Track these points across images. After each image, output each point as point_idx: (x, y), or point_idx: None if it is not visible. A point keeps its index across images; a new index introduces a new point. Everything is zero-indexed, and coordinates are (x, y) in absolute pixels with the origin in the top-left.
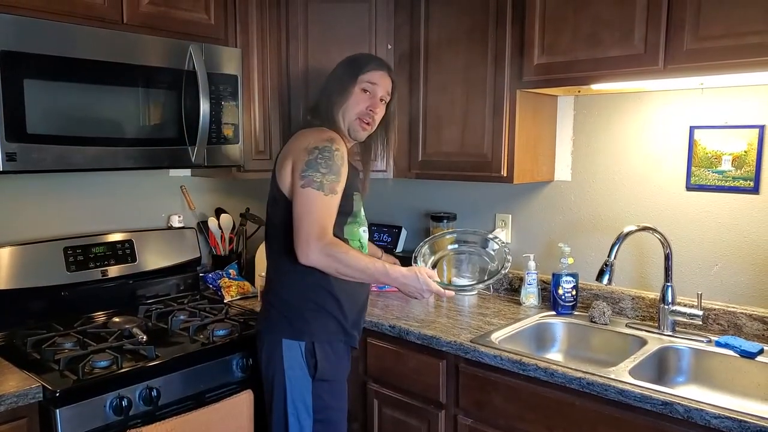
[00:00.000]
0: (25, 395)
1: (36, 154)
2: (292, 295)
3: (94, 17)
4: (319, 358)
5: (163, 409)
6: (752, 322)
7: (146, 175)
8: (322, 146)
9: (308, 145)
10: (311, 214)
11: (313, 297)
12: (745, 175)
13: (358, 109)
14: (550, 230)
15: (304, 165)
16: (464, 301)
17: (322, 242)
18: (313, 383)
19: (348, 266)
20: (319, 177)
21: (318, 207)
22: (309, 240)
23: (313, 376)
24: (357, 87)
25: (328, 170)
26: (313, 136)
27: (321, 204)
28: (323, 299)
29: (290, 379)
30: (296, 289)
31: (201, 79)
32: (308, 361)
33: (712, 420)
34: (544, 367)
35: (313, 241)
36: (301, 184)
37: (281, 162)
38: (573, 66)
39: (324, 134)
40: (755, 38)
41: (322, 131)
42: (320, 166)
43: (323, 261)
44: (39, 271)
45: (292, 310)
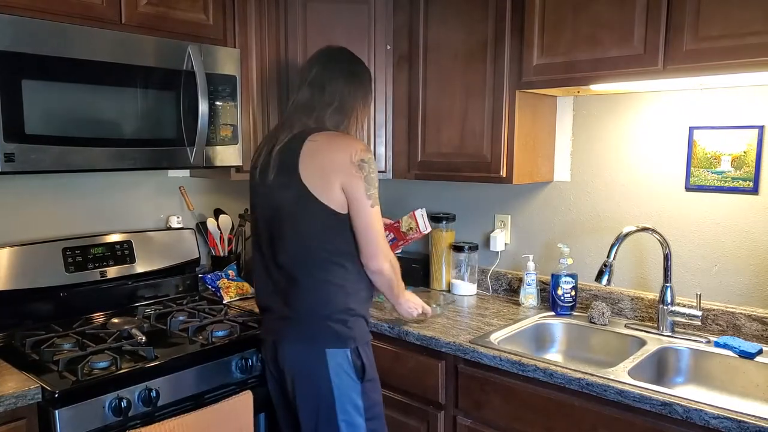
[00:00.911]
0: (24, 396)
1: (34, 155)
2: (333, 305)
3: (93, 17)
4: (365, 361)
5: (162, 410)
6: (751, 322)
7: (145, 176)
8: (368, 158)
9: (353, 158)
10: (380, 229)
11: (353, 304)
12: (745, 176)
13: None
14: (550, 231)
15: (365, 183)
16: (463, 302)
17: (390, 253)
18: (362, 385)
19: (396, 272)
20: (376, 192)
21: (380, 221)
22: (383, 252)
23: (362, 378)
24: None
25: (376, 181)
26: (352, 148)
27: (380, 218)
28: (360, 305)
29: (338, 386)
30: (337, 297)
31: (199, 79)
32: (355, 366)
33: (711, 420)
34: (544, 368)
35: (386, 252)
36: (371, 204)
37: (318, 178)
38: (572, 66)
39: (358, 143)
40: (754, 39)
41: (351, 138)
42: (375, 180)
43: (388, 269)
44: (38, 272)
45: (334, 320)
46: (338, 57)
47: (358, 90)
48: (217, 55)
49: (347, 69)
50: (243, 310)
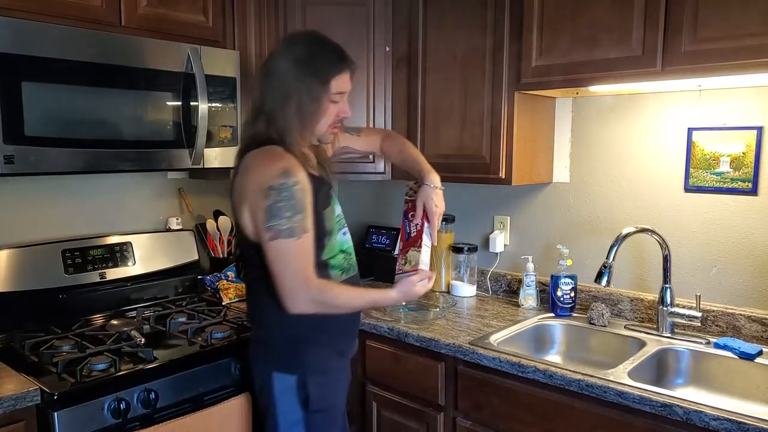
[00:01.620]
0: (23, 398)
1: (34, 157)
2: (280, 327)
3: (92, 20)
4: (312, 392)
5: (161, 412)
6: (751, 323)
7: (144, 178)
8: (279, 185)
9: (262, 184)
10: (289, 265)
11: (304, 330)
12: (743, 177)
13: (330, 121)
14: (549, 232)
15: (266, 215)
16: (463, 303)
17: (310, 292)
18: (306, 415)
19: (340, 307)
20: (286, 223)
21: (294, 256)
22: (294, 293)
23: (306, 408)
24: (329, 101)
25: (291, 212)
26: (265, 169)
27: (296, 251)
28: (314, 331)
29: (282, 413)
30: (284, 321)
31: (199, 81)
32: (300, 396)
33: (711, 422)
34: (543, 369)
35: (298, 293)
36: (269, 236)
37: (238, 201)
38: (571, 68)
39: (276, 165)
40: (752, 40)
41: (272, 159)
42: (282, 211)
43: (313, 309)
44: (37, 274)
45: (282, 343)
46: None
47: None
48: (217, 57)
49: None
50: (242, 312)
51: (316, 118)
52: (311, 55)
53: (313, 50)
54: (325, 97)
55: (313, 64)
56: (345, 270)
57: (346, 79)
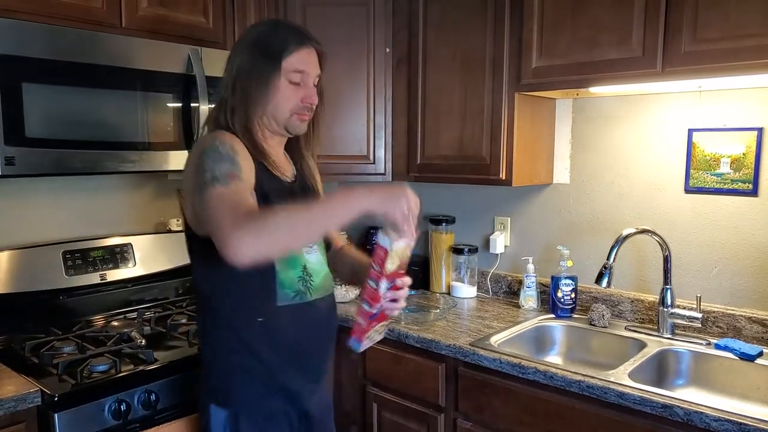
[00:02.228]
0: (24, 399)
1: (35, 158)
2: (211, 355)
3: (93, 21)
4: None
5: (161, 413)
6: (751, 324)
7: (145, 179)
8: (209, 148)
9: (194, 157)
10: (218, 209)
11: (231, 356)
12: (744, 178)
13: (291, 105)
14: (549, 233)
15: (194, 177)
16: (463, 305)
17: (240, 221)
18: None
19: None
20: (209, 174)
21: (223, 200)
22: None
23: None
24: (282, 79)
25: (216, 162)
26: (198, 147)
27: (226, 196)
28: (243, 356)
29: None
30: (214, 348)
31: (200, 82)
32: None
33: (712, 423)
34: (544, 371)
35: (229, 229)
36: (199, 193)
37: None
38: (571, 69)
39: (205, 138)
40: (753, 41)
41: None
42: (205, 164)
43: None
44: (37, 275)
45: (215, 375)
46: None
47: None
48: (217, 58)
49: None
50: None
51: (268, 98)
52: (264, 36)
53: (267, 31)
54: (276, 76)
55: (265, 44)
56: (299, 293)
57: (304, 58)
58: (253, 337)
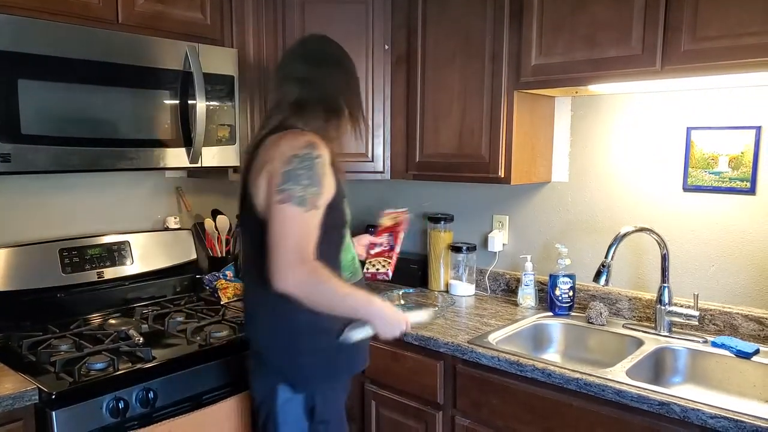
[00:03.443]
0: (21, 397)
1: (31, 155)
2: (280, 340)
3: (89, 17)
4: (318, 405)
5: (160, 411)
6: (748, 322)
7: (142, 177)
8: (303, 154)
9: (286, 152)
10: (290, 235)
11: (305, 339)
12: (742, 176)
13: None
14: (548, 231)
15: (282, 178)
16: (461, 302)
17: (304, 268)
18: (310, 426)
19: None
20: (300, 191)
21: (298, 226)
22: (288, 266)
23: (311, 419)
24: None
25: (309, 182)
26: (290, 142)
27: (301, 222)
28: (317, 336)
29: (284, 423)
30: (284, 332)
31: (197, 79)
32: (306, 407)
33: (709, 420)
34: (542, 368)
35: (293, 267)
36: (279, 199)
37: (254, 175)
38: (570, 67)
39: (301, 139)
40: (752, 39)
41: (298, 135)
42: (301, 178)
43: (300, 290)
44: (34, 273)
45: (285, 357)
46: (327, 49)
47: (342, 79)
48: (215, 55)
49: (339, 63)
50: (241, 311)
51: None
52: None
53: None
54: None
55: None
56: (353, 273)
57: None
58: (325, 318)
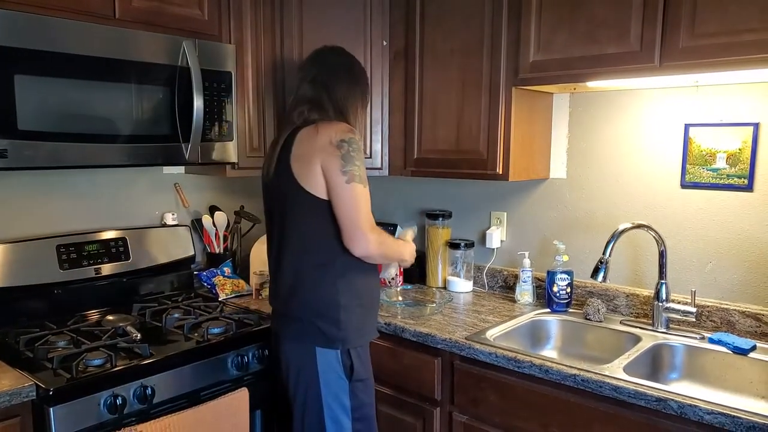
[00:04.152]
0: (18, 394)
1: (27, 151)
2: (320, 302)
3: (86, 12)
4: (355, 362)
5: (157, 408)
6: (745, 318)
7: (140, 173)
8: (349, 138)
9: (333, 139)
10: (362, 209)
11: (345, 298)
12: (740, 173)
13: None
14: (545, 228)
15: (342, 160)
16: (459, 299)
17: (375, 233)
18: (350, 384)
19: (391, 250)
20: (358, 170)
21: (366, 200)
22: (366, 234)
23: (350, 377)
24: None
25: (361, 162)
26: (333, 129)
27: (366, 197)
28: (356, 298)
29: (326, 384)
30: (325, 294)
31: (194, 75)
32: (345, 365)
33: (705, 416)
34: (539, 364)
35: (369, 234)
36: (347, 179)
37: (302, 164)
38: (569, 63)
39: (340, 126)
40: (750, 36)
41: (338, 124)
42: (355, 159)
43: (378, 250)
44: (31, 269)
45: (324, 318)
46: (338, 57)
47: (357, 90)
48: (213, 51)
49: (347, 69)
50: (239, 307)
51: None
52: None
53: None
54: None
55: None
56: None
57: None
58: (361, 281)
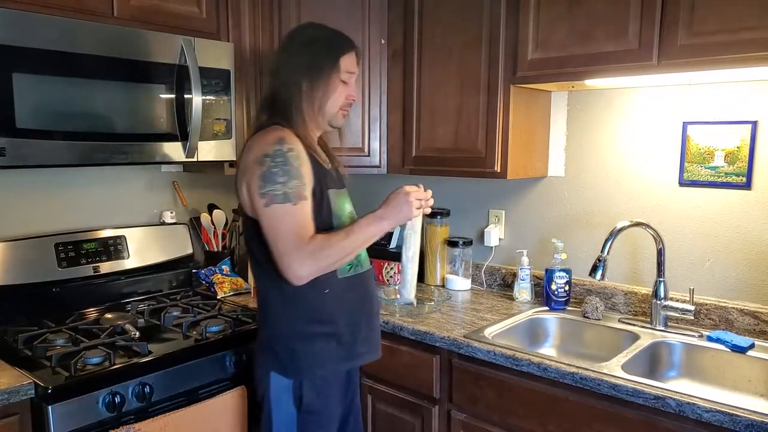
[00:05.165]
0: (17, 392)
1: (26, 149)
2: (277, 327)
3: (84, 10)
4: (306, 394)
5: (156, 406)
6: (743, 316)
7: (138, 171)
8: (273, 151)
9: (258, 153)
10: (284, 231)
11: (301, 326)
12: (738, 171)
13: (340, 101)
14: (544, 226)
15: (260, 181)
16: (458, 297)
17: (303, 251)
18: (298, 415)
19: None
20: (280, 188)
21: (288, 221)
22: (289, 258)
23: (299, 408)
24: (338, 77)
25: (287, 177)
26: (261, 143)
27: (291, 216)
28: (320, 325)
29: (277, 411)
30: (281, 320)
31: (193, 73)
32: (295, 395)
33: (704, 414)
34: (538, 362)
35: (293, 256)
36: (264, 203)
37: (239, 182)
38: (567, 61)
39: (269, 137)
40: (749, 34)
41: (267, 133)
42: (277, 176)
43: (314, 266)
44: (30, 268)
45: (279, 344)
46: (290, 37)
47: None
48: (211, 49)
49: (294, 43)
50: (237, 306)
51: (327, 96)
52: (320, 37)
53: (320, 33)
54: (336, 75)
55: (323, 44)
56: (353, 265)
57: (353, 60)
58: (320, 306)
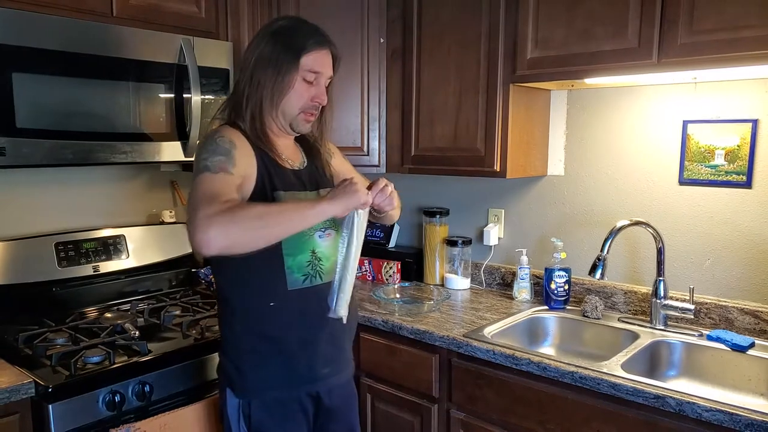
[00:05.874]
0: (18, 391)
1: (26, 149)
2: (226, 343)
3: (84, 10)
4: (255, 415)
5: (156, 404)
6: (743, 315)
7: (137, 170)
8: (206, 137)
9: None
10: (194, 197)
11: (246, 343)
12: (738, 170)
13: (301, 103)
14: (543, 225)
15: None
16: (457, 296)
17: (211, 210)
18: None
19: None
20: (203, 162)
21: (202, 187)
22: (195, 221)
23: (249, 428)
24: (298, 76)
25: (211, 153)
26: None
27: (207, 183)
28: (260, 341)
29: (234, 427)
30: (228, 336)
31: (192, 73)
32: (243, 414)
33: (704, 413)
34: (537, 362)
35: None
36: (192, 182)
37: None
38: (566, 60)
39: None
40: (749, 32)
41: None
42: (203, 152)
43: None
44: (30, 267)
45: (228, 361)
46: (267, 24)
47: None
48: (210, 49)
49: (266, 33)
50: None
51: (282, 92)
52: (286, 30)
53: (289, 27)
54: (294, 71)
55: (285, 39)
56: (308, 276)
57: (321, 59)
58: (266, 321)
